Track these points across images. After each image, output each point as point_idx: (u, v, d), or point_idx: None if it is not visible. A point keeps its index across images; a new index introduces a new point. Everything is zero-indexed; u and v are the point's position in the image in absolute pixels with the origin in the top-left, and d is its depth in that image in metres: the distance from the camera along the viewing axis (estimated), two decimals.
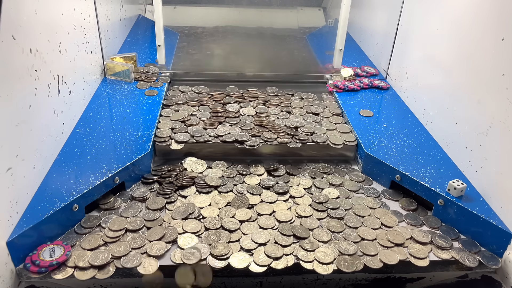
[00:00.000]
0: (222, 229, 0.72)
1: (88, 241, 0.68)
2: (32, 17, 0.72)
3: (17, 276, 0.64)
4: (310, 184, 0.84)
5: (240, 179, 0.85)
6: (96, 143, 0.85)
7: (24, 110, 0.68)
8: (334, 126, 0.98)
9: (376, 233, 0.73)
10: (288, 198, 0.81)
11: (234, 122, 0.97)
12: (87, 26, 1.01)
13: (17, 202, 0.65)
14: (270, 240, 0.70)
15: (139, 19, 1.63)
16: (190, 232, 0.71)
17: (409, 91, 1.08)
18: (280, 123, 0.97)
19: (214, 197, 0.79)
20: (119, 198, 0.79)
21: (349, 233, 0.73)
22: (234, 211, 0.76)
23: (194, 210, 0.76)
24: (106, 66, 1.13)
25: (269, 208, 0.77)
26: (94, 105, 1.00)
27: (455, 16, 0.89)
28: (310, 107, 1.06)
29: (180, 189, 0.82)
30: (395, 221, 0.76)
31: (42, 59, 0.75)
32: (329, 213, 0.77)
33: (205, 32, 1.49)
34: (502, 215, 0.71)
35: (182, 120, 0.97)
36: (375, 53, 1.33)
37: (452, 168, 0.84)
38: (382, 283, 0.75)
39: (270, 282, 0.73)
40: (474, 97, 0.81)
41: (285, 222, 0.74)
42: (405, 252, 0.70)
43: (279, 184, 0.84)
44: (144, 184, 0.83)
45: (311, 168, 0.90)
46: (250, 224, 0.74)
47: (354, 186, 0.85)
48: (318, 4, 1.71)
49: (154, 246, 0.68)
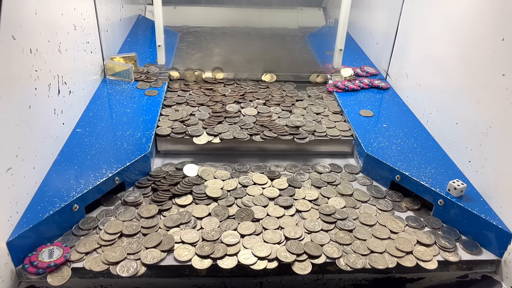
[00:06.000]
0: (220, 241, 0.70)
1: (84, 244, 0.68)
2: (32, 17, 0.72)
3: (17, 276, 0.64)
4: (316, 196, 0.82)
5: (242, 192, 0.82)
6: (96, 143, 0.85)
7: (24, 110, 0.68)
8: (333, 124, 0.99)
9: (384, 244, 0.71)
10: (294, 213, 0.78)
11: (234, 122, 0.97)
12: (87, 26, 1.01)
13: (17, 202, 0.65)
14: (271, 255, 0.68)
15: (139, 19, 1.63)
16: (188, 242, 0.69)
17: (409, 91, 1.08)
18: (281, 123, 0.98)
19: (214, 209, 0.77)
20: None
21: (358, 245, 0.71)
22: (236, 224, 0.74)
23: (190, 219, 0.74)
24: (106, 66, 1.13)
25: (275, 222, 0.75)
26: (94, 105, 1.00)
27: (455, 16, 0.89)
28: (311, 107, 1.06)
29: (176, 197, 0.79)
30: (401, 227, 0.75)
31: (42, 59, 0.75)
32: (338, 224, 0.75)
33: (205, 32, 1.49)
34: (502, 215, 0.71)
35: (181, 120, 0.97)
36: (375, 53, 1.33)
37: (452, 168, 0.84)
38: (382, 283, 0.75)
39: (270, 282, 0.73)
40: (474, 97, 0.81)
41: (294, 239, 0.71)
42: (413, 258, 0.69)
43: (283, 197, 0.81)
44: (138, 188, 0.82)
45: (314, 178, 0.88)
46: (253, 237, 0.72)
47: (363, 196, 0.83)
48: (318, 4, 1.70)
49: (149, 254, 0.67)
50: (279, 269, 0.67)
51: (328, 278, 0.74)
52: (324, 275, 0.72)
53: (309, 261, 0.68)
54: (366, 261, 0.68)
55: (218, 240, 0.70)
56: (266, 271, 0.67)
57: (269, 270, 0.67)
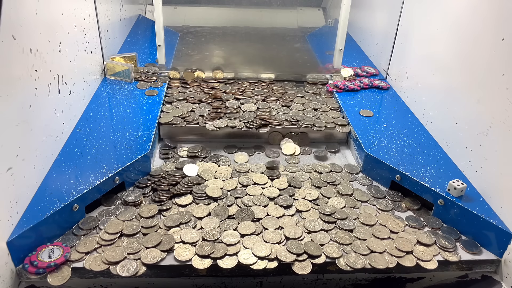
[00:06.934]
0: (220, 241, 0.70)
1: (84, 244, 0.68)
2: (32, 17, 0.72)
3: (17, 276, 0.64)
4: (316, 196, 0.82)
5: (242, 192, 0.82)
6: (96, 143, 0.85)
7: (24, 110, 0.68)
8: (332, 119, 1.01)
9: (384, 244, 0.71)
10: (294, 213, 0.78)
11: (234, 117, 0.99)
12: (87, 26, 1.01)
13: (17, 202, 0.65)
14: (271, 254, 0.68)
15: (139, 19, 1.63)
16: (188, 242, 0.69)
17: (409, 91, 1.08)
18: (281, 117, 1.00)
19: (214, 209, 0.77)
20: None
21: (358, 245, 0.71)
22: (236, 223, 0.74)
23: (190, 219, 0.74)
24: (106, 66, 1.13)
25: (275, 222, 0.75)
26: (94, 105, 1.00)
27: (455, 16, 0.89)
28: (309, 103, 1.08)
29: (176, 197, 0.79)
30: (401, 227, 0.75)
31: (42, 59, 0.75)
32: (338, 224, 0.75)
33: (205, 32, 1.49)
34: (502, 215, 0.71)
35: (181, 116, 0.98)
36: (375, 53, 1.33)
37: (452, 168, 0.84)
38: (382, 283, 0.75)
39: (270, 282, 0.73)
40: (474, 97, 0.81)
41: (294, 239, 0.71)
42: (413, 258, 0.69)
43: (283, 197, 0.81)
44: (138, 188, 0.82)
45: (314, 178, 0.87)
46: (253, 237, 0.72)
47: (363, 196, 0.83)
48: (318, 4, 1.71)
49: (149, 254, 0.67)
50: (279, 269, 0.67)
51: (328, 278, 0.74)
52: (324, 275, 0.72)
53: (309, 261, 0.68)
54: (366, 261, 0.68)
55: (218, 240, 0.70)
56: (266, 271, 0.67)
57: (269, 270, 0.67)
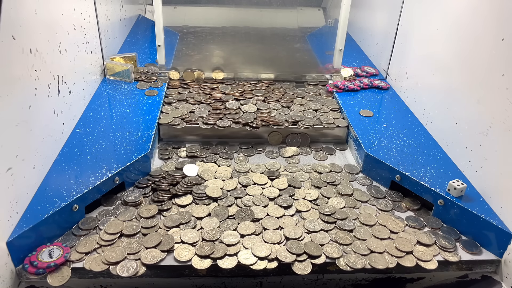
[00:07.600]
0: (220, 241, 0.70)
1: (84, 244, 0.68)
2: (32, 17, 0.72)
3: (17, 276, 0.64)
4: (316, 196, 0.82)
5: (242, 192, 0.82)
6: (96, 143, 0.85)
7: (24, 110, 0.68)
8: (332, 120, 1.01)
9: (384, 244, 0.71)
10: (294, 213, 0.78)
11: (234, 118, 0.99)
12: (87, 26, 1.01)
13: (17, 202, 0.65)
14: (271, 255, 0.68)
15: (139, 19, 1.63)
16: (187, 242, 0.69)
17: (409, 91, 1.08)
18: (281, 118, 1.00)
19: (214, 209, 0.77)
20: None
21: (358, 245, 0.71)
22: (236, 224, 0.74)
23: (190, 219, 0.74)
24: (106, 66, 1.13)
25: (275, 222, 0.75)
26: (94, 105, 1.00)
27: (455, 16, 0.89)
28: (309, 104, 1.08)
29: (176, 197, 0.79)
30: (401, 227, 0.75)
31: (42, 59, 0.75)
32: (338, 224, 0.75)
33: (205, 32, 1.49)
34: (502, 215, 0.71)
35: (181, 117, 0.98)
36: (375, 53, 1.33)
37: (452, 168, 0.84)
38: (382, 283, 0.75)
39: (270, 282, 0.73)
40: (474, 97, 0.81)
41: (294, 239, 0.71)
42: (413, 258, 0.69)
43: (283, 197, 0.81)
44: (138, 188, 0.82)
45: (314, 178, 0.87)
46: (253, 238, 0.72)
47: (363, 196, 0.83)
48: (318, 4, 1.71)
49: (149, 254, 0.67)
50: (279, 269, 0.67)
51: (328, 278, 0.74)
52: (324, 275, 0.72)
53: (309, 261, 0.68)
54: (366, 261, 0.68)
55: (218, 240, 0.70)
56: (266, 271, 0.67)
57: (269, 270, 0.67)
